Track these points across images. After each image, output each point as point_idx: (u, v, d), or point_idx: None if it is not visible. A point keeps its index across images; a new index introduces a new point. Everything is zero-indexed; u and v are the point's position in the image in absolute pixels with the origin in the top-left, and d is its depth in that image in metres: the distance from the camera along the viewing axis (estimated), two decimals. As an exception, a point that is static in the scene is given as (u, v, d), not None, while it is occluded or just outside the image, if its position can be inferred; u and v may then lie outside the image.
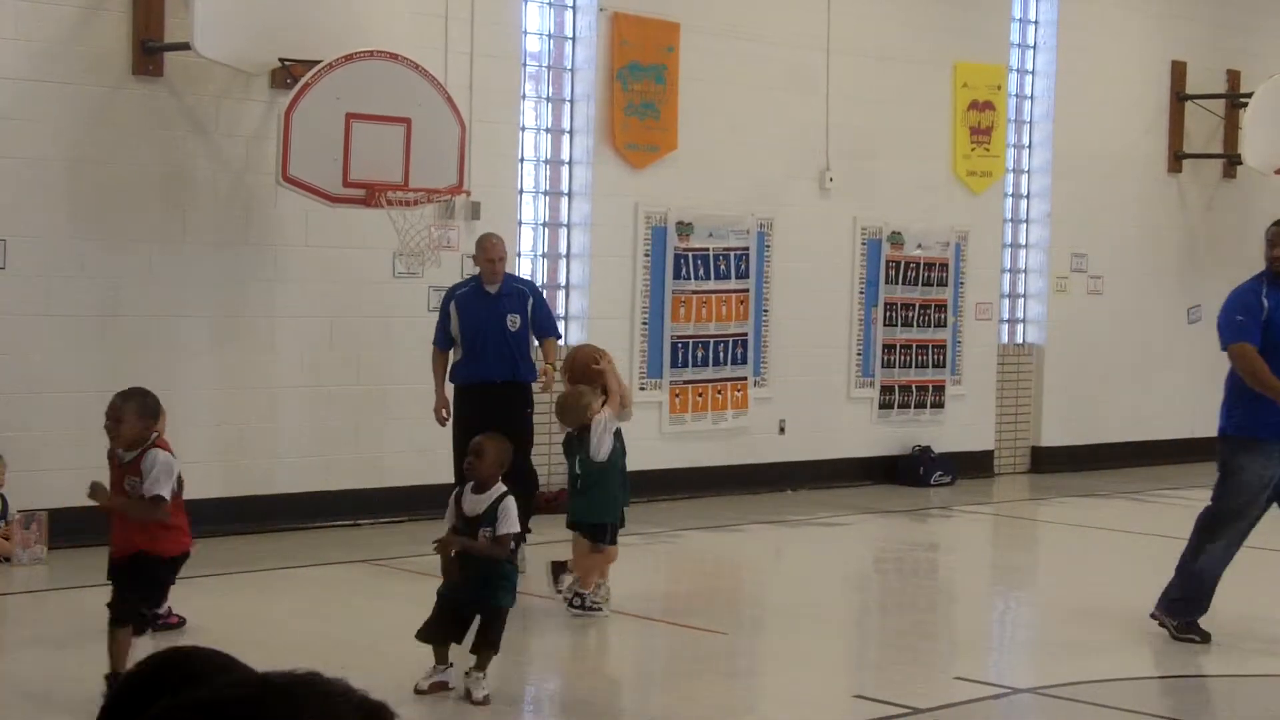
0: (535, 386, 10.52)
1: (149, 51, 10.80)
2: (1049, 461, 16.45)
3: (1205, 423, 17.75)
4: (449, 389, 10.54)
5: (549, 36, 13.26)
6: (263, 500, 11.52)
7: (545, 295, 10.95)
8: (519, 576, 9.89)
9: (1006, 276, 16.54)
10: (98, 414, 10.50)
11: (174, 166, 11.05)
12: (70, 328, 10.71)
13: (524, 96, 13.02)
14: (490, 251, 10.39)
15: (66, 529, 10.35)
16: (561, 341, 10.86)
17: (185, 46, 10.54)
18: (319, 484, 11.81)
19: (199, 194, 11.17)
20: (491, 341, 10.27)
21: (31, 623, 9.23)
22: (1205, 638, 8.78)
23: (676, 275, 13.66)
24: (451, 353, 10.51)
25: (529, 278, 12.19)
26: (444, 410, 10.52)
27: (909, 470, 15.15)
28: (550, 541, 10.32)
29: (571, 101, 13.30)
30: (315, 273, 11.72)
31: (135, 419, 7.17)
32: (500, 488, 7.44)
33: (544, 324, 10.49)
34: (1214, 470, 9.06)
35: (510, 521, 7.37)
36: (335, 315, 11.86)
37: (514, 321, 10.30)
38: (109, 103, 10.78)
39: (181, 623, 8.35)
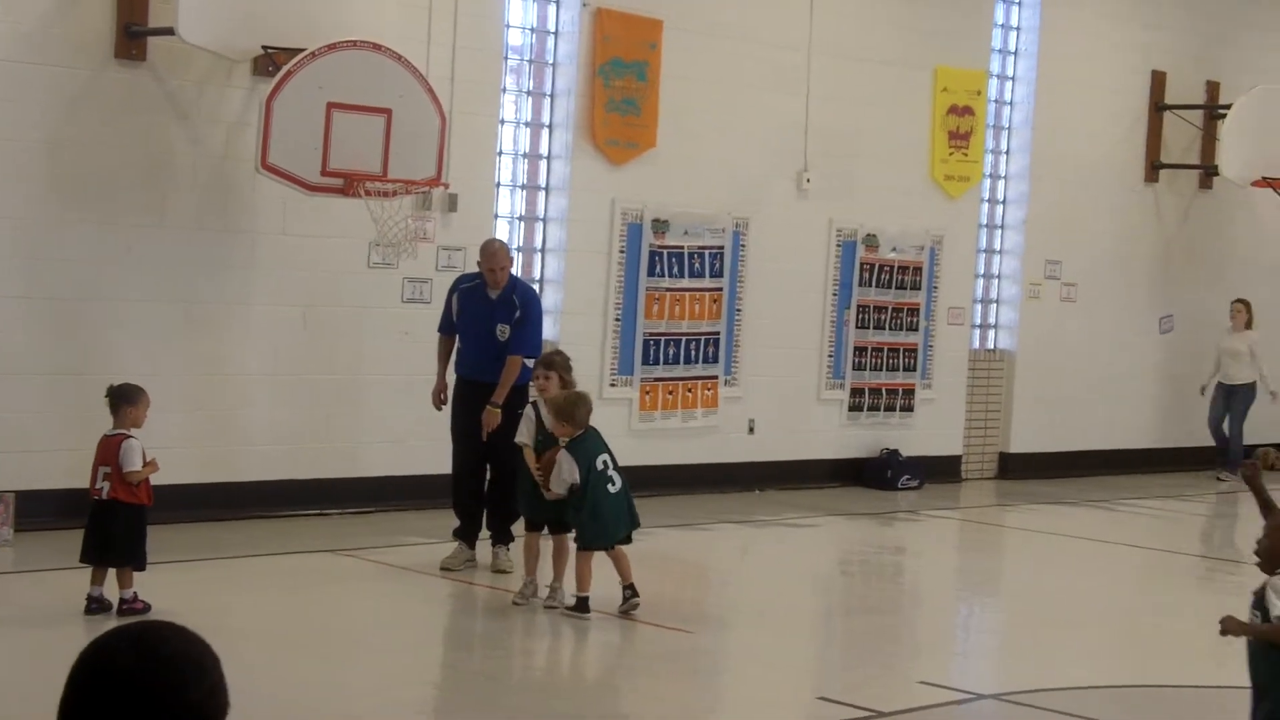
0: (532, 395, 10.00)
1: (132, 36, 10.79)
2: (1017, 468, 16.53)
3: (1174, 433, 17.95)
4: (452, 377, 10.51)
5: (531, 30, 13.27)
6: (233, 487, 11.52)
7: (539, 312, 10.46)
8: (504, 577, 9.93)
9: (980, 282, 16.61)
10: (72, 396, 10.56)
11: (154, 151, 11.04)
12: (47, 310, 10.70)
13: (504, 90, 13.03)
14: (489, 260, 10.25)
15: (35, 510, 10.34)
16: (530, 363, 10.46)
17: (169, 31, 10.54)
18: (290, 472, 11.81)
19: (178, 179, 11.16)
20: (481, 345, 10.20)
21: (-2, 604, 9.21)
22: None
23: (651, 272, 13.68)
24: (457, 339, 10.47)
25: (534, 287, 11.71)
26: (440, 395, 10.50)
27: (877, 473, 15.21)
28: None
29: (552, 96, 13.32)
30: (291, 261, 11.72)
31: None
32: None
33: (515, 339, 10.13)
34: (1184, 481, 9.10)
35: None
36: (310, 304, 11.85)
37: (503, 331, 10.17)
38: (91, 86, 10.75)
39: (147, 608, 8.38)
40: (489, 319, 10.20)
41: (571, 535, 9.27)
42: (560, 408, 9.10)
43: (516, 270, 12.97)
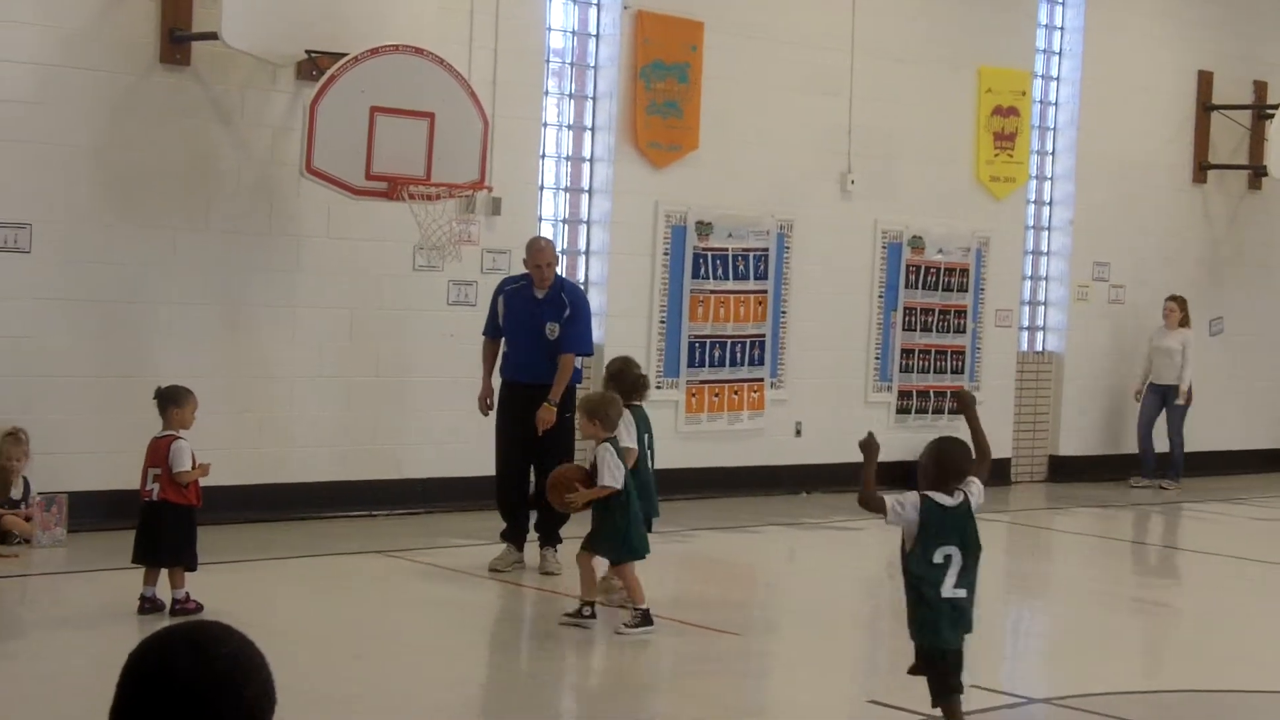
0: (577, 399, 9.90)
1: (176, 40, 10.84)
2: (1066, 471, 16.40)
3: (1225, 435, 17.77)
4: (496, 380, 10.42)
5: (572, 33, 13.28)
6: (279, 489, 11.55)
7: (588, 310, 10.43)
8: (552, 579, 9.87)
9: (1027, 283, 16.50)
10: (119, 398, 10.61)
11: (198, 155, 11.09)
12: (93, 313, 10.75)
13: (546, 93, 13.03)
14: (536, 257, 10.17)
15: (87, 512, 10.39)
16: (579, 362, 10.38)
17: (213, 36, 10.58)
18: (336, 474, 11.84)
19: (222, 183, 11.20)
20: (530, 346, 10.09)
21: (50, 604, 9.26)
22: None
23: (695, 275, 13.65)
24: (503, 343, 10.37)
25: (580, 286, 11.56)
26: (487, 399, 10.38)
27: (925, 476, 15.08)
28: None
29: (594, 99, 13.31)
30: (336, 264, 11.74)
31: None
32: None
33: (567, 338, 10.10)
34: (1235, 483, 9.02)
35: None
36: (355, 307, 11.88)
37: (552, 330, 10.07)
38: (135, 91, 10.81)
39: (199, 608, 8.40)
40: (537, 318, 10.14)
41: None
42: (593, 407, 8.92)
43: (560, 271, 12.89)
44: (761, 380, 14.16)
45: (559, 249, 13.09)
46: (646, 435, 9.42)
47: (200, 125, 11.07)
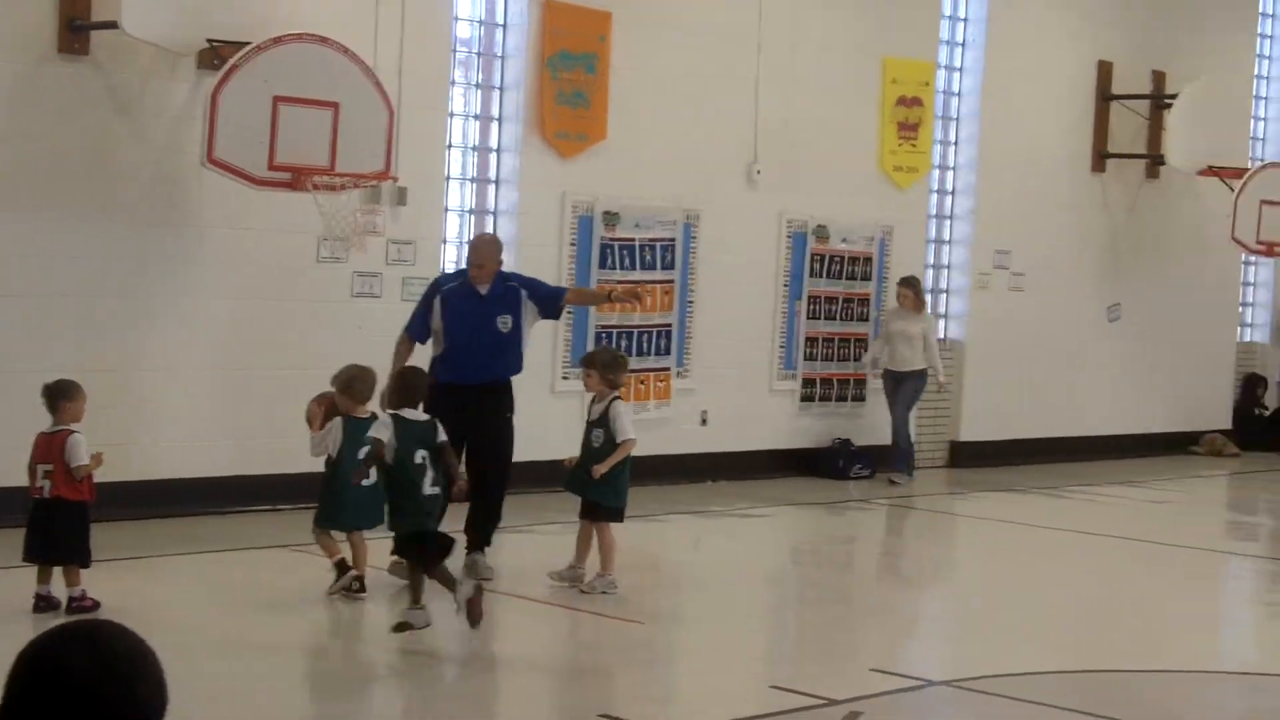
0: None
1: (75, 29, 10.69)
2: (968, 456, 16.60)
3: (1123, 420, 18.08)
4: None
5: (480, 23, 13.24)
6: (180, 484, 11.44)
7: (535, 277, 10.58)
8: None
9: (930, 272, 16.67)
10: (13, 392, 10.44)
11: (98, 146, 10.95)
12: (-11, 306, 10.59)
13: (453, 83, 12.99)
14: (474, 257, 9.98)
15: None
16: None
17: (112, 25, 10.46)
18: (238, 468, 11.74)
19: (122, 174, 11.07)
20: (478, 343, 9.82)
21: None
22: None
23: (602, 265, 13.67)
24: (431, 345, 10.00)
25: (521, 272, 11.15)
26: None
27: (829, 463, 15.25)
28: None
29: (501, 89, 13.28)
30: (238, 255, 11.64)
31: None
32: None
33: (552, 294, 10.35)
34: (1133, 467, 9.17)
35: None
36: (257, 298, 11.78)
37: (505, 323, 9.86)
38: (33, 80, 10.66)
39: (96, 606, 8.31)
40: (486, 316, 9.86)
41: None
42: (343, 381, 9.20)
43: (453, 265, 12.66)
44: (668, 369, 14.22)
45: (465, 239, 13.04)
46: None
47: (100, 115, 10.94)
